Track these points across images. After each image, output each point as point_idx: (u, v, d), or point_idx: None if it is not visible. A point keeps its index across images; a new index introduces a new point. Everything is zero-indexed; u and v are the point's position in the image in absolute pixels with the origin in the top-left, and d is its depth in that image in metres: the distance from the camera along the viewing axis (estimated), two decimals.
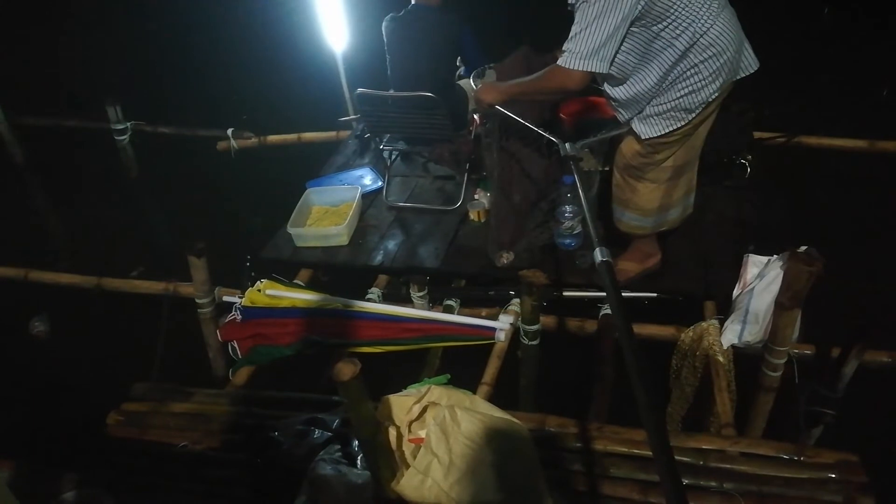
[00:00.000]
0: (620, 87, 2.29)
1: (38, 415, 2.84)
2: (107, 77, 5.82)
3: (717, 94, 2.20)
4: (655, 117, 2.26)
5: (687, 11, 2.08)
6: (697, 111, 2.22)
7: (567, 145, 2.30)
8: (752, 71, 2.25)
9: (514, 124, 2.67)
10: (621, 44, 2.13)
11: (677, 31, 2.10)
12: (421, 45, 3.27)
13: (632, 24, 2.10)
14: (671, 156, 2.39)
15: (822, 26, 5.90)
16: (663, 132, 2.27)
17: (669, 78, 2.18)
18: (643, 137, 2.31)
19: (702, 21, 2.09)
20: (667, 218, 2.62)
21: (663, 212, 2.58)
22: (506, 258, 2.91)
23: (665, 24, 2.10)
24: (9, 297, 3.53)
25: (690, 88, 2.17)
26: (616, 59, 2.18)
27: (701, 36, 2.10)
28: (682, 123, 2.24)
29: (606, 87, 2.36)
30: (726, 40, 2.12)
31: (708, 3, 2.09)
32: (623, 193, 2.56)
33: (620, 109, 2.36)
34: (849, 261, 2.79)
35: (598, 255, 1.72)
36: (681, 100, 2.19)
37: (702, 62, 2.13)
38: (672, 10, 2.07)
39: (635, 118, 2.32)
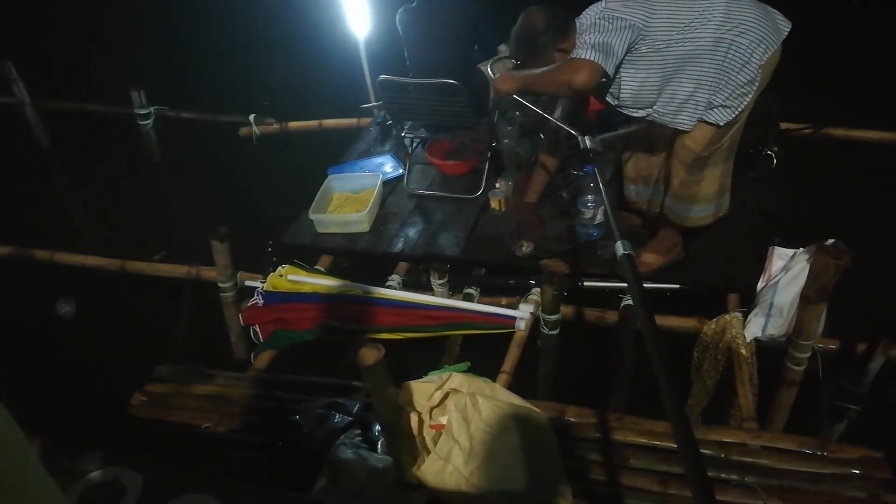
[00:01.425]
0: (661, 103, 2.36)
1: (64, 394, 2.89)
2: (131, 62, 5.86)
3: (768, 55, 2.22)
4: (730, 100, 2.28)
5: (692, 16, 2.21)
6: (758, 78, 2.25)
7: (587, 139, 2.27)
8: (788, 29, 2.28)
9: (533, 115, 2.64)
10: (625, 52, 2.24)
11: (692, 27, 2.22)
12: (437, 33, 3.26)
13: (637, 47, 2.25)
14: (732, 133, 2.42)
15: (852, 16, 5.78)
16: (740, 110, 2.30)
17: (712, 66, 2.24)
18: (722, 123, 2.31)
19: (712, 12, 2.21)
20: (723, 202, 2.63)
21: (722, 195, 2.60)
22: (525, 247, 2.90)
23: (674, 33, 2.24)
24: (35, 278, 3.59)
25: (742, 61, 2.22)
26: (637, 82, 2.33)
27: (725, 17, 2.19)
28: (752, 95, 2.29)
29: (653, 112, 2.40)
30: (750, 13, 2.21)
31: (708, 1, 2.22)
32: (689, 189, 2.53)
33: (680, 118, 2.37)
34: (876, 255, 2.74)
35: (620, 248, 1.70)
36: (740, 74, 2.23)
37: (738, 35, 2.20)
38: (676, 25, 2.22)
39: (703, 116, 2.33)
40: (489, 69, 3.01)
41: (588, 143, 2.24)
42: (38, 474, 0.73)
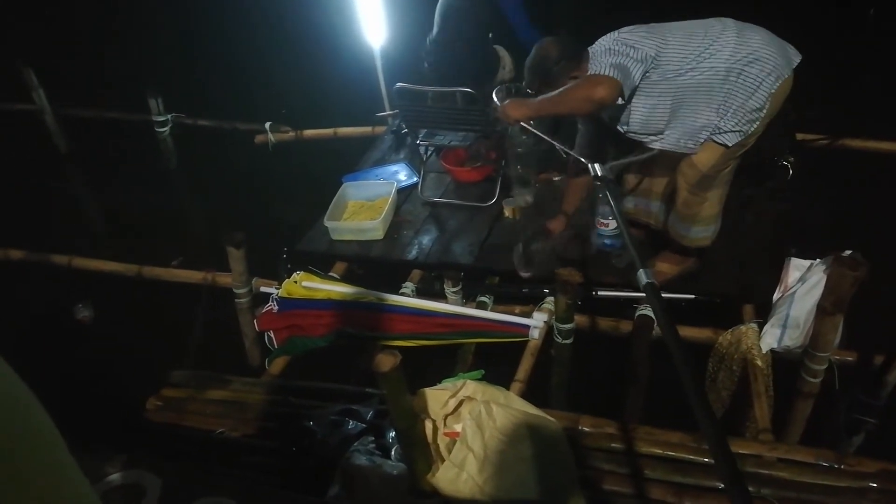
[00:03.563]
0: (669, 130, 2.40)
1: (81, 397, 2.91)
2: (149, 70, 5.93)
3: (778, 84, 2.25)
4: (739, 125, 2.31)
5: (703, 46, 2.26)
6: (766, 105, 2.27)
7: (597, 166, 2.27)
8: (798, 59, 2.31)
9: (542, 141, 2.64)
10: (640, 80, 2.28)
11: (703, 57, 2.26)
12: (455, 27, 3.31)
13: (648, 75, 2.29)
14: (737, 158, 2.45)
15: (868, 26, 5.75)
16: (748, 133, 2.32)
17: (720, 94, 2.28)
18: (731, 144, 2.34)
19: (723, 42, 2.25)
20: (718, 226, 2.66)
21: (719, 218, 2.63)
22: (535, 271, 2.89)
23: (684, 63, 2.28)
24: (53, 283, 3.63)
25: (751, 89, 2.25)
26: (647, 109, 2.37)
27: (736, 48, 2.24)
28: (757, 123, 2.32)
29: (663, 138, 2.44)
30: (760, 44, 2.25)
31: (718, 32, 2.27)
32: (691, 209, 2.56)
33: (686, 142, 2.41)
34: (894, 266, 2.72)
35: (643, 277, 1.70)
36: (749, 101, 2.26)
37: (747, 65, 2.23)
38: (688, 55, 2.27)
39: (712, 137, 2.36)
40: (494, 97, 3.01)
41: (599, 170, 2.23)
42: (72, 469, 0.74)
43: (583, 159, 2.38)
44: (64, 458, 0.75)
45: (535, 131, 2.48)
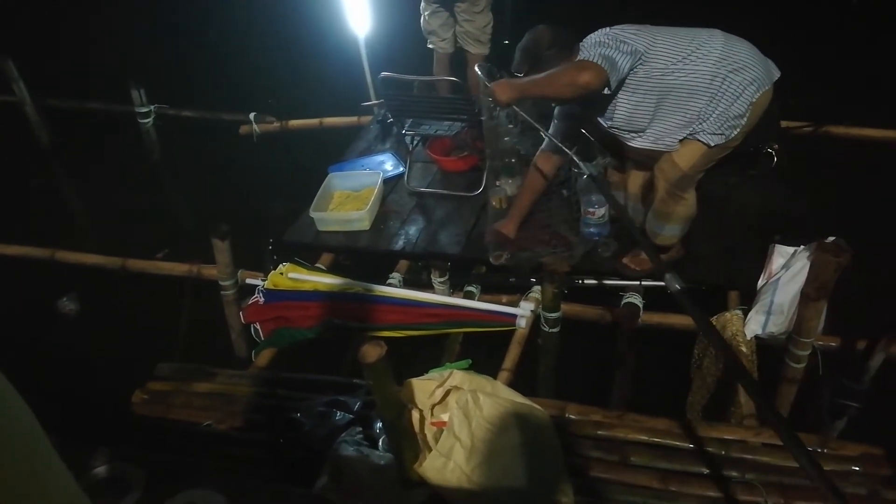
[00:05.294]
0: (651, 128, 2.43)
1: (66, 390, 2.89)
2: (131, 60, 5.86)
3: (759, 94, 2.30)
4: (721, 129, 2.35)
5: (690, 49, 2.31)
6: (748, 113, 2.33)
7: (585, 164, 2.32)
8: (778, 75, 2.38)
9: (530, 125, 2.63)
10: (627, 73, 2.31)
11: (689, 59, 2.31)
12: None
13: (635, 71, 2.33)
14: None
15: (851, 13, 5.78)
16: (730, 138, 2.37)
17: (704, 97, 2.32)
18: (712, 144, 2.38)
19: (709, 48, 2.30)
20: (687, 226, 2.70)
21: (692, 217, 2.66)
22: (504, 258, 2.89)
23: (670, 63, 2.32)
24: (35, 276, 3.59)
25: (734, 95, 2.30)
26: (631, 105, 2.41)
27: (723, 55, 2.29)
28: (738, 130, 2.37)
29: (645, 136, 2.47)
30: (745, 55, 2.31)
31: (706, 38, 2.32)
32: (667, 207, 2.58)
33: (666, 140, 2.44)
34: (877, 253, 2.75)
35: (672, 282, 1.72)
36: (731, 107, 2.31)
37: (732, 72, 2.29)
38: (675, 55, 2.31)
39: (696, 135, 2.39)
40: (479, 72, 2.99)
41: (589, 168, 2.27)
42: (56, 463, 0.74)
43: (568, 151, 2.39)
44: (45, 448, 0.74)
45: (525, 115, 2.48)
